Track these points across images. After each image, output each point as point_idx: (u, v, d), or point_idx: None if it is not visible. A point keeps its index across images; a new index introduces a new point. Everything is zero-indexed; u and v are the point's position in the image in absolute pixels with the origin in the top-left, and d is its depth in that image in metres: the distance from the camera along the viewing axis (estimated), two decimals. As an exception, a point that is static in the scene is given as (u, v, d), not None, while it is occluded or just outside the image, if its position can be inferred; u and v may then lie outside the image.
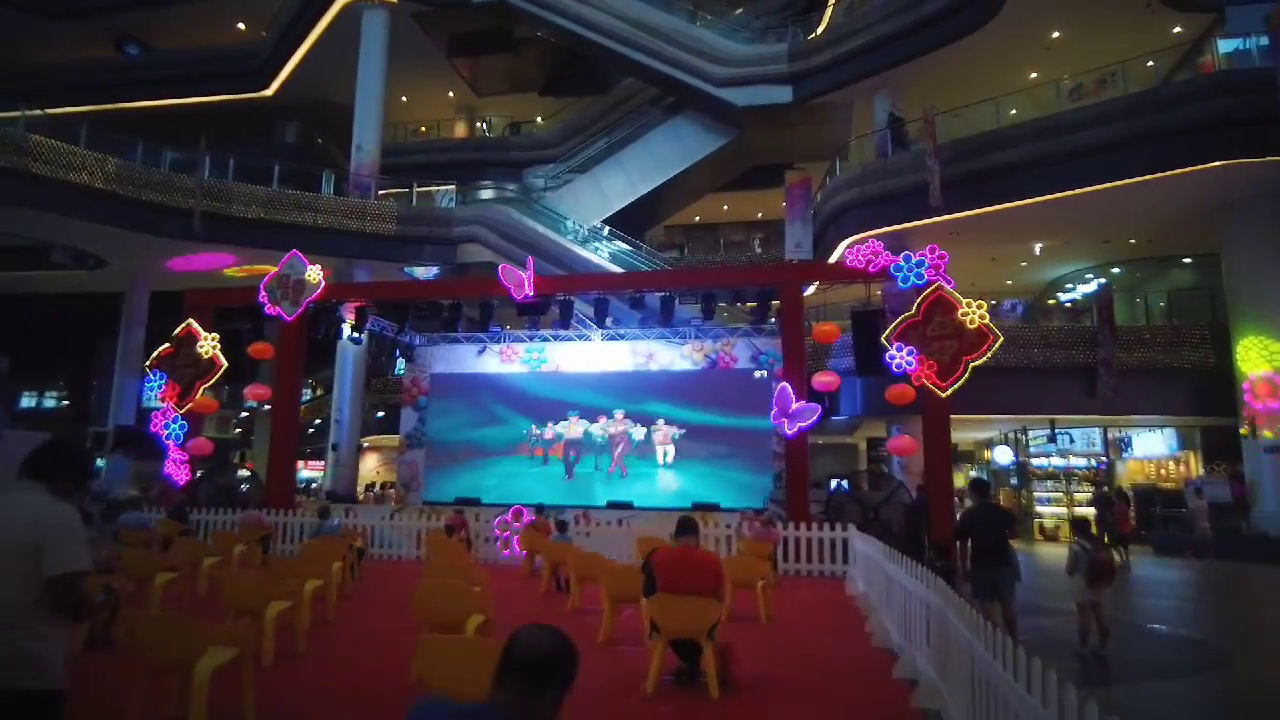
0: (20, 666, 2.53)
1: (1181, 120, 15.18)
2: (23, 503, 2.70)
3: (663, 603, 5.17)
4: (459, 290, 18.45)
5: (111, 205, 19.68)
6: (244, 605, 5.81)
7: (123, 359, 23.37)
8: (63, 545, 2.62)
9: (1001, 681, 3.14)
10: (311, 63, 26.28)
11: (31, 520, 2.62)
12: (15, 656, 2.53)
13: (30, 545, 2.58)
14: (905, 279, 14.66)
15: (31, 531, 2.60)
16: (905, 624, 6.07)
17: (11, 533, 2.61)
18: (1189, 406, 18.14)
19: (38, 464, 2.80)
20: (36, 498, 2.71)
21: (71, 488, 2.86)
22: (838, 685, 5.64)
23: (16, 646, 2.53)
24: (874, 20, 19.76)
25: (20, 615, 2.55)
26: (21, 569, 2.57)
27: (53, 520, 2.65)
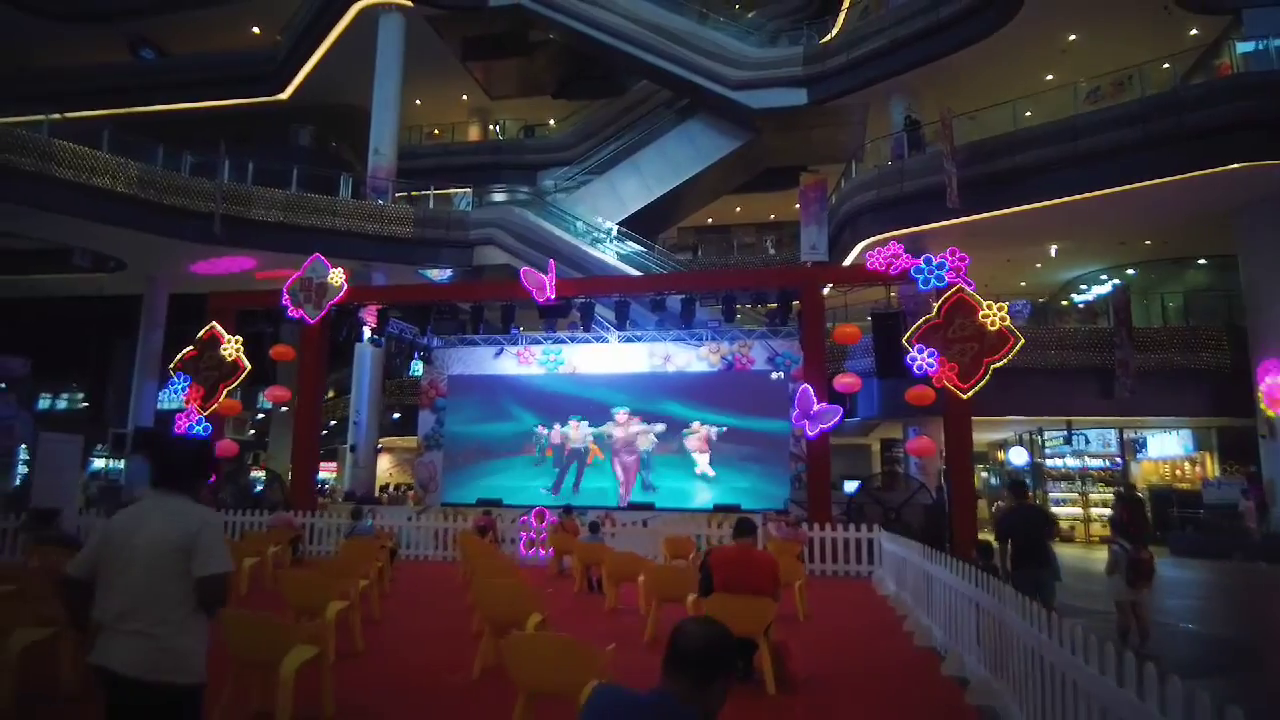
0: (169, 661, 2.67)
1: (1200, 122, 15.23)
2: (168, 506, 2.83)
3: (721, 602, 5.28)
4: (481, 293, 18.58)
5: (134, 209, 19.85)
6: (305, 604, 5.93)
7: (141, 361, 23.53)
8: (211, 547, 2.77)
9: (1090, 679, 3.24)
10: (326, 67, 26.45)
11: (180, 523, 2.76)
12: (165, 652, 2.67)
13: (179, 547, 2.72)
14: (926, 281, 14.76)
15: (180, 534, 2.74)
16: (950, 623, 6.17)
17: (163, 535, 2.74)
18: (1205, 407, 18.20)
19: (175, 472, 2.91)
20: (180, 501, 2.85)
21: (202, 486, 2.98)
22: (888, 683, 5.74)
23: (167, 642, 2.67)
24: (889, 24, 19.86)
25: (169, 613, 2.69)
26: (173, 569, 2.71)
27: (200, 523, 2.79)
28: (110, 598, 2.72)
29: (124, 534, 2.79)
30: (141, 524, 2.78)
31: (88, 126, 21.56)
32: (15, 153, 18.12)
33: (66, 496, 13.56)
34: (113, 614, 2.70)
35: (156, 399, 24.29)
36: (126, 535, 2.78)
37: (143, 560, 2.71)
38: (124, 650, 2.66)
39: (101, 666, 2.69)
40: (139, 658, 2.65)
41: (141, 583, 2.69)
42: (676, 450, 18.98)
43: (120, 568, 2.73)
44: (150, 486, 2.94)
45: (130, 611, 2.67)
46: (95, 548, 2.83)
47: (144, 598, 2.68)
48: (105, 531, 2.85)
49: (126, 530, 2.79)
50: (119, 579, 2.73)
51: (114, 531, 2.83)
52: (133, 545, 2.74)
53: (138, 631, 2.66)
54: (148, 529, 2.76)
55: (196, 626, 2.77)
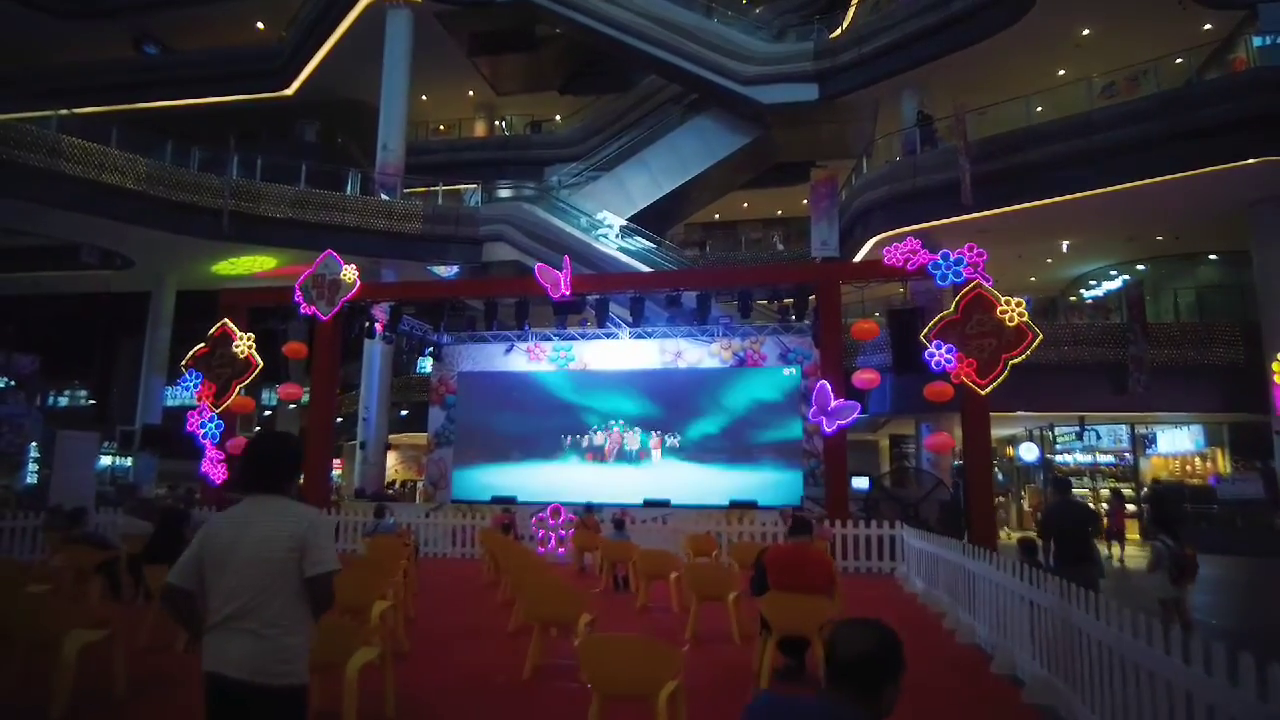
0: (281, 663, 2.65)
1: (1216, 117, 15.19)
2: (271, 507, 2.80)
3: (776, 600, 5.25)
4: (495, 289, 18.52)
5: (143, 205, 19.76)
6: (350, 604, 5.88)
7: (149, 358, 23.44)
8: (320, 546, 2.75)
9: (1180, 673, 3.21)
10: (332, 63, 26.33)
11: (288, 523, 2.74)
12: (275, 653, 2.65)
13: (289, 547, 2.70)
14: (944, 277, 14.71)
15: (289, 534, 2.72)
16: (998, 621, 6.14)
17: (271, 536, 2.72)
18: (1219, 403, 18.21)
19: (269, 473, 2.87)
20: (282, 502, 2.82)
21: (294, 485, 2.97)
22: (940, 681, 5.71)
23: (278, 643, 2.65)
24: (901, 18, 19.79)
25: (280, 615, 2.67)
26: (282, 570, 2.69)
27: (308, 522, 2.77)
28: (219, 602, 2.69)
29: (227, 538, 2.75)
30: (245, 527, 2.75)
31: (93, 123, 21.48)
32: (24, 149, 18.02)
33: (84, 494, 13.50)
34: (222, 617, 2.67)
35: (163, 396, 24.21)
36: (231, 539, 2.74)
37: (251, 563, 2.68)
38: (234, 652, 2.63)
39: (213, 673, 2.66)
40: (249, 659, 2.62)
41: (251, 585, 2.67)
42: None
43: (227, 571, 2.70)
44: (244, 490, 2.89)
45: (240, 614, 2.65)
46: (196, 554, 2.79)
47: (254, 600, 2.66)
48: (205, 537, 2.81)
49: (230, 534, 2.76)
50: (226, 583, 2.69)
51: (215, 536, 2.79)
52: (239, 548, 2.71)
53: (249, 632, 2.64)
54: (254, 531, 2.73)
55: (305, 627, 2.76)
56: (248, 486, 2.86)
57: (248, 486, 2.86)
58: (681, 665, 3.77)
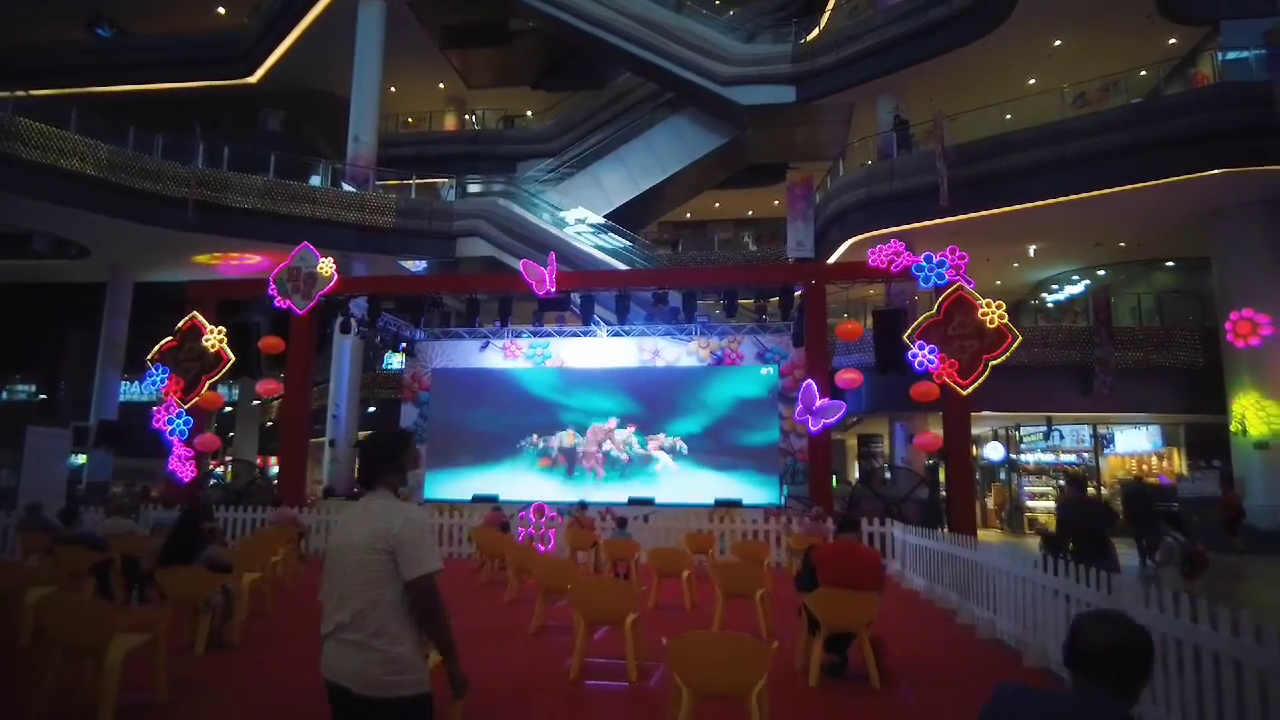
0: (392, 674, 2.50)
1: (1185, 129, 15.73)
2: (373, 506, 2.67)
3: (826, 596, 5.26)
4: (477, 285, 18.30)
5: (104, 193, 19.02)
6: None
7: (105, 352, 22.58)
8: (418, 547, 2.58)
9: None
10: (299, 51, 25.67)
11: (381, 523, 2.59)
12: (389, 663, 2.50)
13: (383, 549, 2.56)
14: (926, 279, 15.00)
15: (382, 535, 2.57)
16: (1025, 617, 6.24)
17: (368, 538, 2.58)
18: (1178, 405, 18.86)
19: (374, 466, 2.75)
20: (382, 499, 2.69)
21: (400, 478, 2.82)
22: (979, 676, 5.79)
23: (388, 653, 2.50)
24: (880, 24, 20.09)
25: (385, 621, 2.52)
26: (381, 574, 2.55)
27: (404, 522, 2.61)
28: (331, 608, 2.58)
29: (336, 539, 2.65)
30: (351, 528, 2.64)
31: (49, 106, 20.62)
32: (-21, 132, 17.22)
33: (55, 491, 12.93)
34: (333, 625, 2.56)
35: (119, 391, 23.38)
36: (338, 541, 2.64)
37: (354, 567, 2.56)
38: (348, 664, 2.50)
39: (330, 682, 2.54)
40: (363, 671, 2.49)
41: (356, 592, 2.54)
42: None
43: (337, 577, 2.59)
44: (360, 487, 2.79)
45: (349, 623, 2.52)
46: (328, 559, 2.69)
47: (361, 608, 2.52)
48: (330, 538, 2.71)
49: (338, 535, 2.66)
50: (336, 589, 2.59)
51: (333, 538, 2.69)
52: (345, 552, 2.59)
53: (358, 644, 2.50)
54: (356, 533, 2.60)
55: (414, 632, 2.59)
56: (361, 480, 2.78)
57: (361, 480, 2.78)
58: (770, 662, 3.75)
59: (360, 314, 17.75)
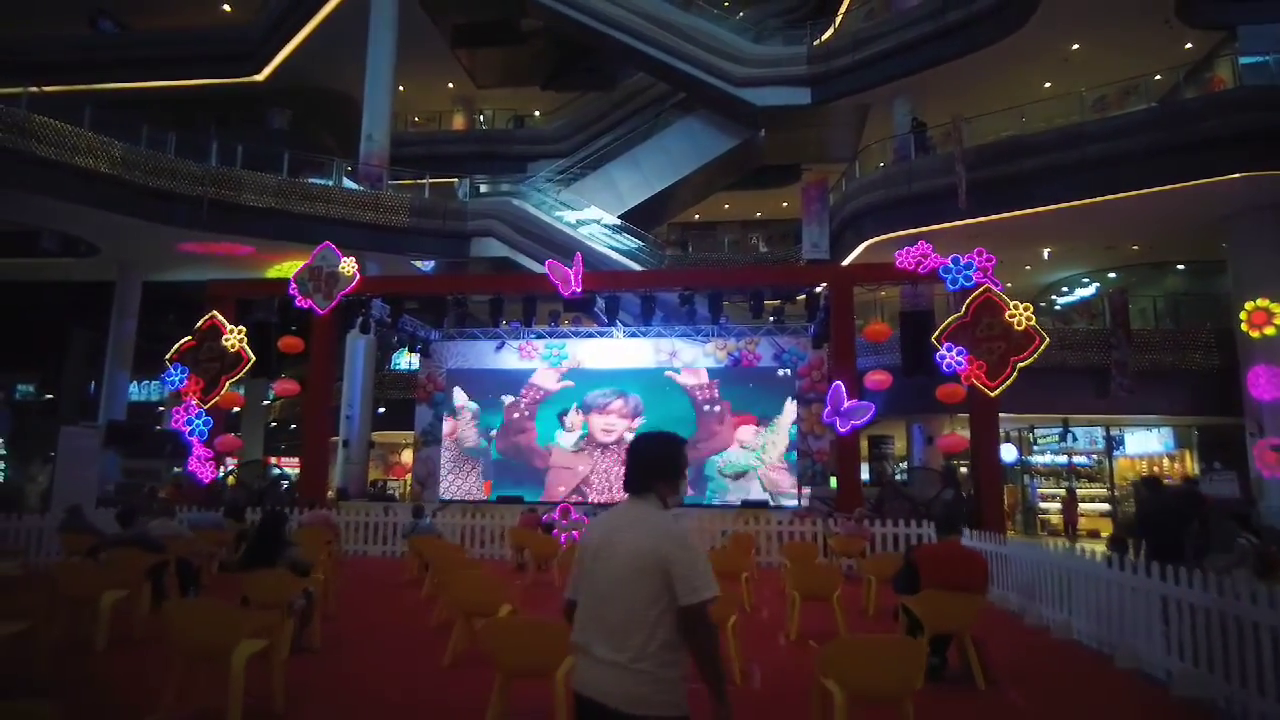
0: (659, 695, 2.38)
1: (1206, 132, 15.80)
2: (645, 515, 2.51)
3: (932, 598, 5.24)
4: (502, 285, 18.24)
5: (119, 191, 18.81)
6: (473, 608, 5.68)
7: (114, 352, 22.32)
8: (694, 571, 2.41)
9: None
10: (308, 49, 25.49)
11: (652, 539, 2.44)
12: (654, 686, 2.37)
13: (655, 568, 2.40)
14: (954, 281, 15.05)
15: (658, 556, 2.41)
16: (1114, 620, 6.25)
17: (635, 554, 2.43)
18: (1194, 407, 18.98)
19: (648, 472, 2.59)
20: (651, 510, 2.53)
21: (672, 488, 2.62)
22: (1074, 677, 5.80)
23: (653, 675, 2.37)
24: (897, 26, 20.14)
25: (649, 642, 2.38)
26: (650, 593, 2.39)
27: (677, 545, 2.44)
28: (588, 622, 2.46)
29: (596, 550, 2.51)
30: (615, 539, 2.49)
31: (57, 103, 20.37)
32: (-7, 128, 16.98)
33: (88, 493, 12.76)
34: (588, 640, 2.44)
35: (128, 391, 23.14)
36: (599, 551, 2.50)
37: (621, 584, 2.42)
38: (608, 681, 2.38)
39: (584, 696, 2.43)
40: (630, 690, 2.36)
41: (620, 608, 2.40)
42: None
43: (596, 589, 2.47)
44: (625, 492, 2.64)
45: (609, 640, 2.39)
46: (578, 565, 2.59)
47: (623, 625, 2.39)
48: (582, 541, 2.61)
49: (599, 545, 2.52)
50: (594, 601, 2.47)
51: (587, 541, 2.57)
52: (610, 564, 2.45)
53: (622, 664, 2.36)
54: (622, 546, 2.46)
55: (681, 656, 2.43)
56: (627, 488, 2.63)
57: (627, 488, 2.63)
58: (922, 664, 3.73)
59: (379, 314, 17.67)
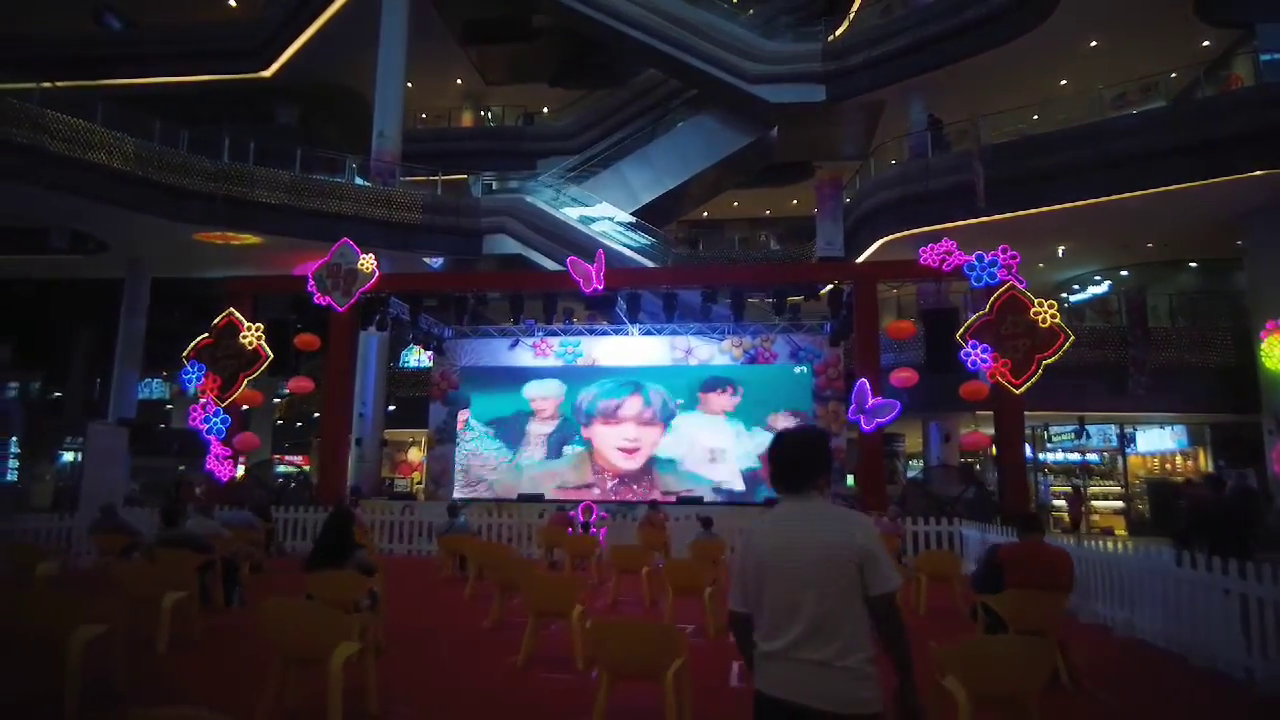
0: (868, 691, 2.34)
1: (1227, 129, 15.78)
2: (820, 511, 2.48)
3: (1017, 598, 5.19)
4: (523, 283, 18.15)
5: (131, 187, 18.65)
6: (549, 608, 5.62)
7: (123, 349, 22.12)
8: (883, 561, 2.41)
9: None
10: (316, 45, 25.30)
11: (845, 532, 2.41)
12: (859, 682, 2.33)
13: (850, 559, 2.38)
14: (978, 278, 15.03)
15: (848, 544, 2.39)
16: (1184, 617, 6.21)
17: (831, 548, 2.39)
18: (1211, 404, 19.00)
19: (808, 471, 2.54)
20: (827, 505, 2.51)
21: (826, 482, 2.61)
22: (1153, 677, 5.77)
23: (858, 670, 2.33)
24: (913, 23, 20.10)
25: (852, 637, 2.35)
26: (848, 587, 2.37)
27: (866, 533, 2.44)
28: (781, 625, 2.39)
29: (775, 553, 2.45)
30: (797, 539, 2.43)
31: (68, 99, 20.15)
32: (7, 124, 16.78)
33: (116, 490, 12.63)
34: (786, 643, 2.37)
35: (137, 389, 22.95)
36: (780, 554, 2.44)
37: (813, 580, 2.37)
38: (817, 682, 2.32)
39: (781, 699, 2.35)
40: (836, 691, 2.31)
41: (818, 606, 2.35)
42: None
43: (784, 591, 2.40)
44: (782, 492, 2.57)
45: (811, 639, 2.34)
46: (743, 568, 2.52)
47: (825, 622, 2.34)
48: (748, 547, 2.54)
49: (776, 549, 2.46)
50: (784, 604, 2.40)
51: (759, 547, 2.50)
52: (796, 562, 2.40)
53: (824, 662, 2.32)
54: (807, 542, 2.41)
55: (874, 650, 2.41)
56: (782, 488, 2.57)
57: (782, 488, 2.57)
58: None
59: (396, 311, 17.57)
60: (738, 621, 2.54)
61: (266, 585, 9.55)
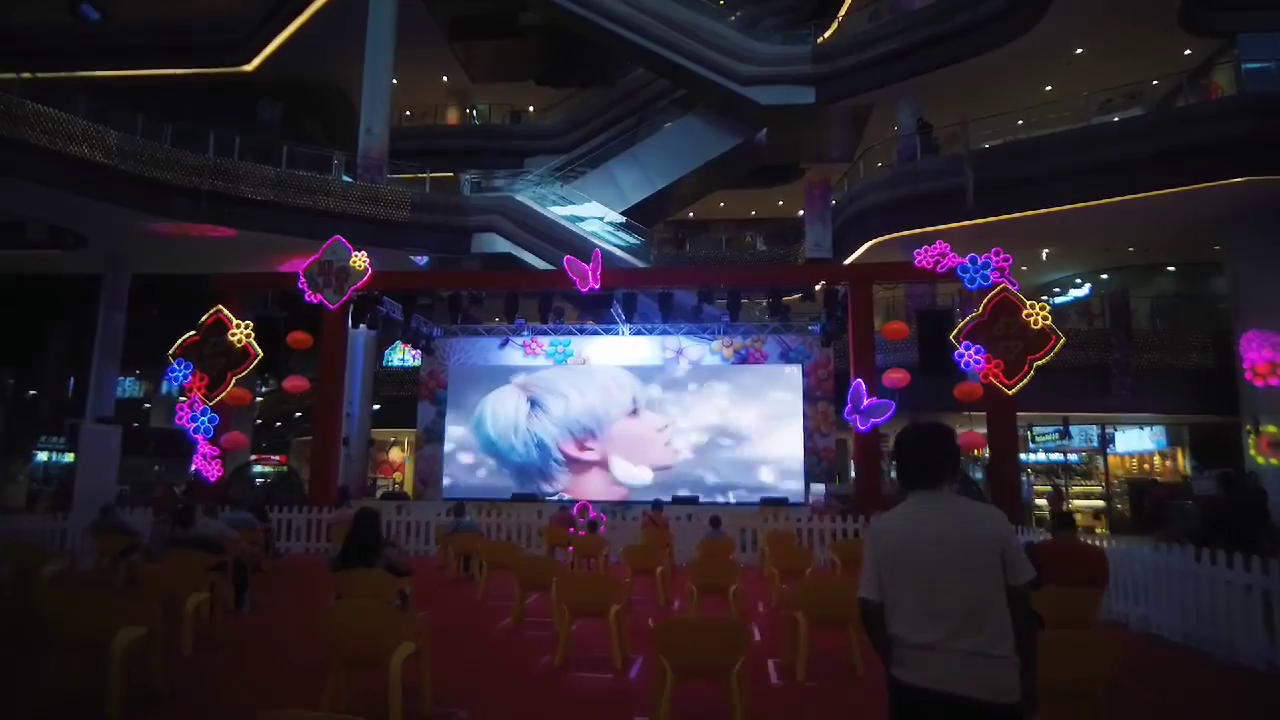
0: (1010, 680, 2.38)
1: (1211, 136, 16.12)
2: (956, 505, 2.53)
3: (1051, 595, 5.25)
4: (517, 282, 18.05)
5: (112, 181, 18.27)
6: (586, 607, 5.58)
7: (102, 346, 21.65)
8: (1019, 550, 2.49)
9: None
10: (300, 40, 24.98)
11: (986, 524, 2.49)
12: (1008, 671, 2.39)
13: (994, 550, 2.45)
14: (972, 280, 15.22)
15: (989, 535, 2.46)
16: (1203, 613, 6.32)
17: (975, 540, 2.45)
18: (1191, 405, 19.39)
19: (941, 466, 2.59)
20: (963, 500, 2.56)
21: (954, 477, 2.67)
22: (1181, 673, 5.87)
23: (1008, 659, 2.39)
24: (903, 27, 20.29)
25: (997, 627, 2.40)
26: (993, 577, 2.43)
27: (1004, 524, 2.51)
28: (925, 617, 2.42)
29: (911, 542, 2.49)
30: (942, 530, 2.47)
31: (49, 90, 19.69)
32: (-13, 115, 16.39)
33: (107, 492, 12.33)
34: (934, 635, 2.39)
35: (116, 387, 22.49)
36: (917, 543, 2.48)
37: (958, 571, 2.42)
38: (973, 673, 2.35)
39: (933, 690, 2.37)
40: (994, 679, 2.35)
41: (964, 596, 2.40)
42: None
43: (924, 583, 2.44)
44: (913, 486, 2.62)
45: (960, 630, 2.38)
46: (877, 562, 2.54)
47: (973, 612, 2.39)
48: (881, 542, 2.57)
49: (913, 538, 2.50)
50: (926, 596, 2.43)
51: (893, 540, 2.54)
52: (940, 556, 2.44)
53: (975, 652, 2.36)
54: (957, 535, 2.46)
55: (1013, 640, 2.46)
56: (912, 483, 2.62)
57: (912, 483, 2.62)
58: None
59: (387, 310, 17.40)
60: (872, 611, 2.55)
61: (268, 586, 9.41)
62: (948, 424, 2.73)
